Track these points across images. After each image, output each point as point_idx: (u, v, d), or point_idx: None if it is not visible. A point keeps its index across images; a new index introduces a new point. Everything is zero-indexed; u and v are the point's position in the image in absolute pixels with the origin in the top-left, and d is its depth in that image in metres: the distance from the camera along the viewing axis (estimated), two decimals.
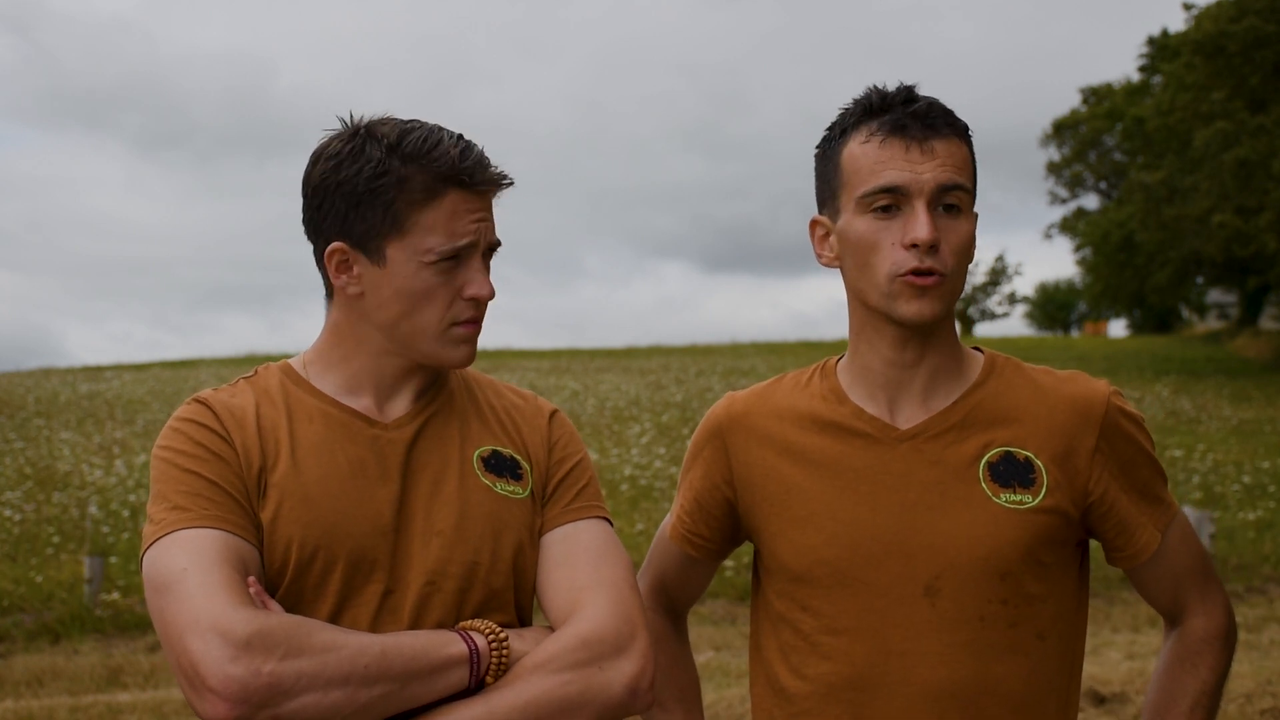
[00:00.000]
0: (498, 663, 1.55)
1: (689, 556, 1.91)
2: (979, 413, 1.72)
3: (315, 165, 1.65)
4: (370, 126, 1.64)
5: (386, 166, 1.59)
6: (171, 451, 1.61)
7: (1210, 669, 1.77)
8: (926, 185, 1.63)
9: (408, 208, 1.60)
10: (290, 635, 1.45)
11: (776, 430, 1.79)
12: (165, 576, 1.49)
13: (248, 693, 1.40)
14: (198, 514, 1.54)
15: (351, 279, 1.65)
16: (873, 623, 1.68)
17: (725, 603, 8.86)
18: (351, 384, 1.70)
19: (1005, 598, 1.66)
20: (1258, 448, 15.81)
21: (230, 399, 1.67)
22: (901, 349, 1.72)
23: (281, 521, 1.58)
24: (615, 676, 1.57)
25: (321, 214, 1.64)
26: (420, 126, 1.63)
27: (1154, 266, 33.53)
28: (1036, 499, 1.68)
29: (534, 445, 1.77)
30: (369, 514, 1.62)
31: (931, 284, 1.63)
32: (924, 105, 1.66)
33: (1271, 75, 25.28)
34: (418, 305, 1.63)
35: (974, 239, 1.69)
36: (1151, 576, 1.78)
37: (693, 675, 1.97)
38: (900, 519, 1.69)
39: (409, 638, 1.53)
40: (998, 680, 1.66)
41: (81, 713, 6.15)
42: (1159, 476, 1.76)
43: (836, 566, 1.70)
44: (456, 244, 1.61)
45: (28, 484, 12.94)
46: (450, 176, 1.60)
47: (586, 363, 31.34)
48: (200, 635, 1.42)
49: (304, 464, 1.62)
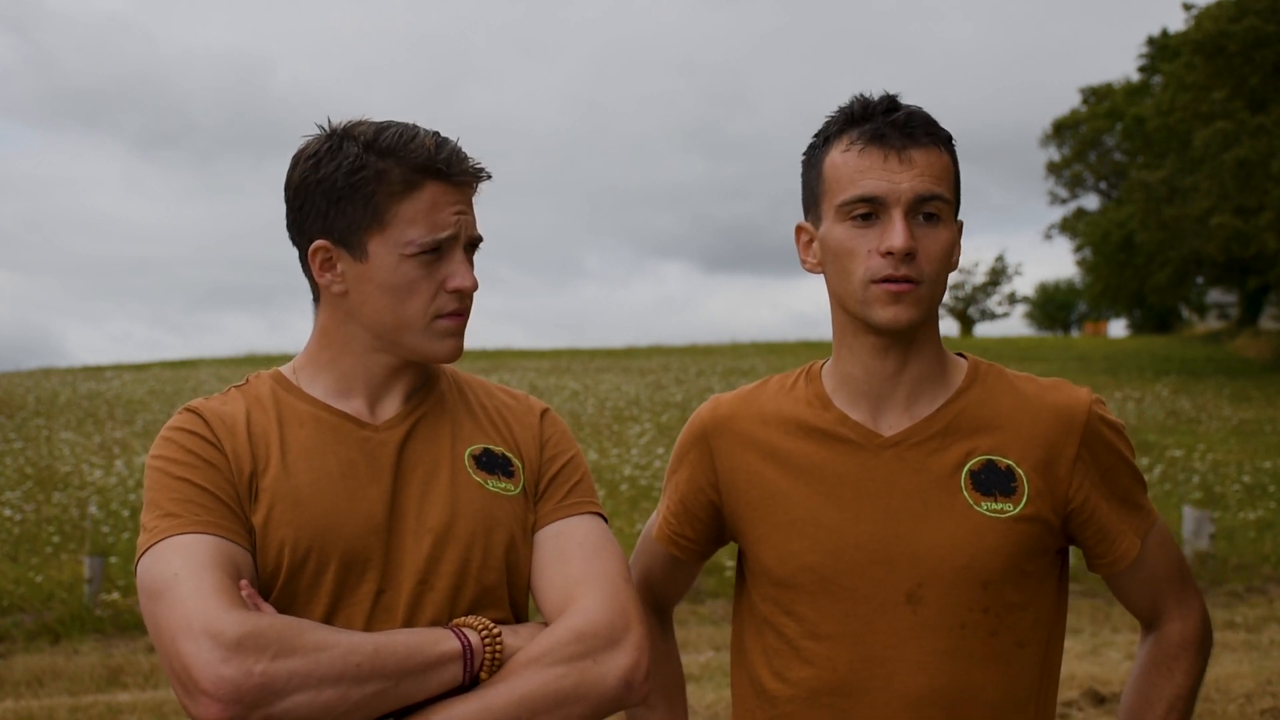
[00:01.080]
0: (492, 659, 1.56)
1: (674, 557, 1.93)
2: (962, 420, 1.72)
3: (295, 167, 1.67)
4: (347, 128, 1.67)
5: (364, 161, 1.62)
6: (163, 460, 1.63)
7: (1185, 674, 1.79)
8: (904, 195, 1.64)
9: (387, 200, 1.62)
10: (281, 635, 1.45)
11: (761, 435, 1.80)
12: (157, 582, 1.50)
13: (240, 693, 1.41)
14: (189, 520, 1.55)
15: (335, 277, 1.66)
16: (855, 629, 1.69)
17: (725, 603, 8.85)
18: (341, 386, 1.70)
19: (986, 606, 1.67)
20: (1258, 448, 15.82)
21: (221, 407, 1.68)
22: (882, 357, 1.72)
23: (273, 524, 1.59)
24: (609, 669, 1.58)
25: (303, 214, 1.66)
26: (396, 124, 1.66)
27: (1154, 266, 33.53)
28: (1017, 508, 1.68)
29: (526, 443, 1.78)
30: (360, 514, 1.63)
31: (906, 290, 1.65)
32: (904, 115, 1.67)
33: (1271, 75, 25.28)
34: (401, 298, 1.64)
35: (954, 246, 1.70)
36: (1131, 582, 1.79)
37: (677, 672, 1.99)
38: (883, 526, 1.69)
39: (402, 635, 1.54)
40: (978, 688, 1.67)
41: (81, 713, 6.15)
42: (1139, 484, 1.78)
43: (820, 573, 1.71)
44: (437, 236, 1.63)
45: (28, 484, 12.94)
46: (427, 167, 1.62)
47: (586, 363, 31.35)
48: (192, 638, 1.43)
49: (294, 467, 1.63)
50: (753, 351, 35.28)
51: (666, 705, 1.94)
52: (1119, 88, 40.37)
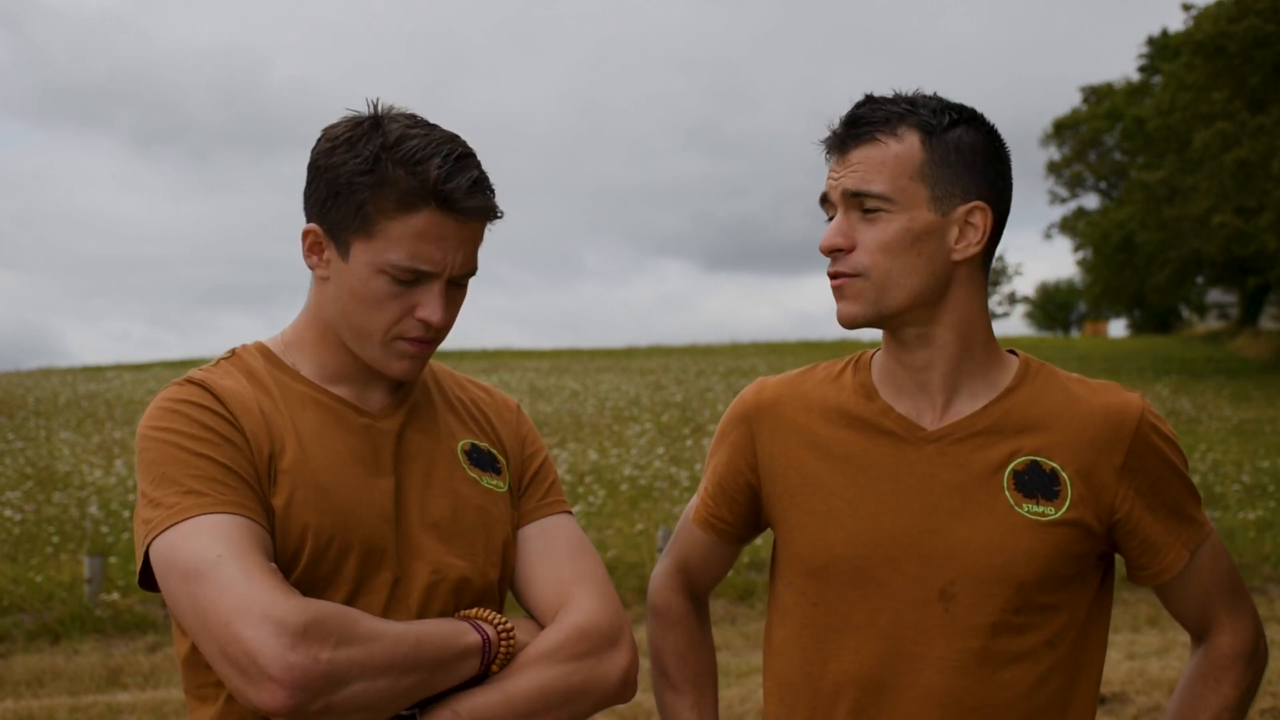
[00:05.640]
0: (505, 652, 1.57)
1: (710, 541, 1.92)
2: (1009, 419, 1.70)
3: (319, 143, 1.63)
4: (380, 118, 1.60)
5: (373, 165, 1.55)
6: (173, 433, 1.55)
7: (1234, 686, 1.74)
8: (838, 194, 1.68)
9: (378, 213, 1.56)
10: (341, 623, 1.44)
11: (804, 421, 1.79)
12: (195, 562, 1.45)
13: (308, 679, 1.39)
14: (216, 499, 1.50)
15: (320, 262, 1.64)
16: (884, 624, 1.68)
17: (725, 603, 8.85)
18: (330, 371, 1.68)
19: (1018, 607, 1.65)
20: (1258, 448, 15.81)
21: (224, 381, 1.62)
22: (900, 350, 1.73)
23: (296, 508, 1.56)
24: (611, 668, 1.62)
25: (312, 192, 1.62)
26: (426, 135, 1.58)
27: (1154, 266, 33.53)
28: (1059, 512, 1.66)
29: (508, 439, 1.79)
30: (374, 504, 1.61)
31: (840, 285, 1.68)
32: (851, 114, 1.69)
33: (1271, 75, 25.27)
34: (367, 309, 1.60)
35: (903, 236, 1.64)
36: (1179, 594, 1.75)
37: (709, 660, 1.95)
38: (920, 521, 1.68)
39: (433, 626, 1.54)
40: (1004, 686, 1.65)
41: (81, 713, 6.15)
42: (1190, 495, 1.73)
43: (853, 564, 1.70)
44: (416, 267, 1.57)
45: (28, 484, 12.93)
46: (426, 193, 1.55)
47: (586, 363, 31.32)
48: (252, 623, 1.40)
49: (310, 451, 1.60)
50: (753, 352, 35.26)
51: (695, 693, 1.91)
52: (1119, 88, 40.37)
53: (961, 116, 1.69)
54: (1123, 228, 33.68)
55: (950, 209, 1.66)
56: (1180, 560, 1.71)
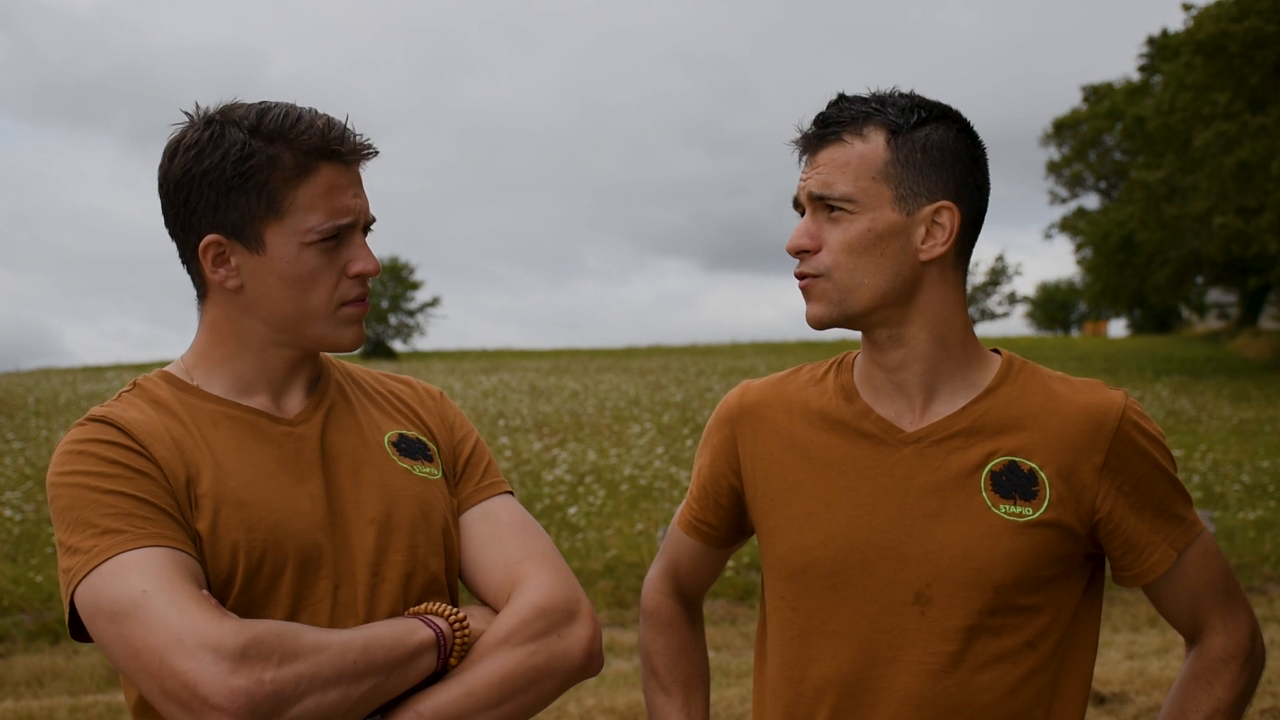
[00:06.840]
0: (461, 644, 1.55)
1: (697, 545, 1.91)
2: (988, 419, 1.68)
3: (173, 159, 1.58)
4: (224, 111, 1.59)
5: (252, 148, 1.54)
6: (81, 475, 1.51)
7: (1226, 688, 1.71)
8: (803, 196, 1.69)
9: (282, 187, 1.55)
10: (281, 640, 1.40)
11: (785, 424, 1.78)
12: (121, 602, 1.41)
13: (255, 703, 1.35)
14: (135, 534, 1.46)
15: (230, 272, 1.59)
16: (862, 628, 1.68)
17: (725, 603, 8.85)
18: (241, 384, 1.64)
19: (995, 609, 1.64)
20: (1258, 448, 15.80)
21: (127, 413, 1.58)
22: (874, 352, 1.73)
23: (222, 529, 1.53)
24: (573, 643, 1.60)
25: (189, 208, 1.58)
26: (276, 105, 1.59)
27: (1154, 266, 33.54)
28: (1037, 512, 1.64)
29: (435, 426, 1.77)
30: (303, 511, 1.58)
31: (806, 286, 1.68)
32: (820, 115, 1.69)
33: (1272, 75, 25.25)
34: (304, 288, 1.59)
35: (866, 236, 1.63)
36: (1167, 595, 1.72)
37: (701, 662, 1.94)
38: (897, 524, 1.67)
39: (381, 628, 1.51)
40: (983, 688, 1.64)
41: (81, 713, 6.15)
42: (1178, 494, 1.70)
43: (830, 568, 1.69)
44: (338, 222, 1.58)
45: (28, 484, 12.92)
46: (320, 149, 1.56)
47: (586, 363, 31.33)
48: (188, 653, 1.36)
49: (229, 469, 1.57)
50: (753, 351, 35.27)
51: (684, 695, 1.90)
52: (1119, 87, 40.36)
53: (931, 114, 1.67)
54: (1123, 227, 33.69)
55: (916, 209, 1.65)
56: (1166, 560, 1.69)
